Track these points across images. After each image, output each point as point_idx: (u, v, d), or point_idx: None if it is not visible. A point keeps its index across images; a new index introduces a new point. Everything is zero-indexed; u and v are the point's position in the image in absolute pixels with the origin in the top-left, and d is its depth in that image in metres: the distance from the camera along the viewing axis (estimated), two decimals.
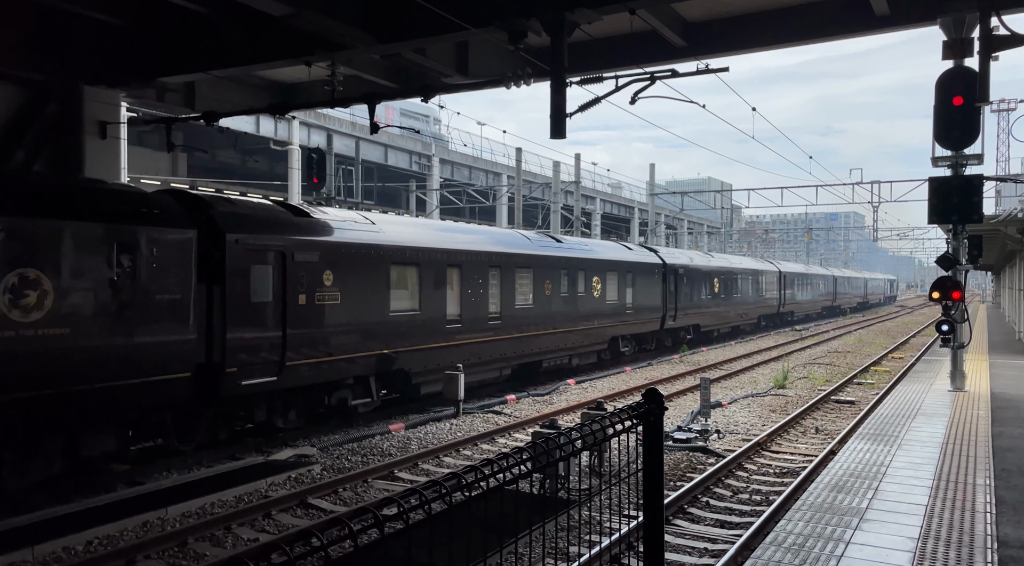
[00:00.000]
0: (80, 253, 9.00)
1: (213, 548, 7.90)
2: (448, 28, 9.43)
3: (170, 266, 9.92)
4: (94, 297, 9.12)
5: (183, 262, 10.10)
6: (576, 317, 19.77)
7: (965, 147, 10.15)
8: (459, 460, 11.68)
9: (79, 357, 8.95)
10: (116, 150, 13.09)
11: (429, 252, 14.73)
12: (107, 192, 9.74)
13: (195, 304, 10.26)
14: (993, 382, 14.74)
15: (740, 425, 14.07)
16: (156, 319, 9.77)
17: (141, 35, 11.74)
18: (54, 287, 8.68)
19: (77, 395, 8.96)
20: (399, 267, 14.00)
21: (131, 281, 9.47)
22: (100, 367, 9.16)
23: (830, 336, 36.05)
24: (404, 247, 14.14)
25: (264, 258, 11.26)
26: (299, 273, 11.78)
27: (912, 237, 65.00)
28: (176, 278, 10.00)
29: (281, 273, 11.49)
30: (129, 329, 9.48)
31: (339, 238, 12.71)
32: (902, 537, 5.80)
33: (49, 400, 8.71)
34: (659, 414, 3.27)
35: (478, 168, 46.37)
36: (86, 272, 9.05)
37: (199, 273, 10.36)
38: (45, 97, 12.16)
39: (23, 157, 11.95)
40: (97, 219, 9.15)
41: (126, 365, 9.44)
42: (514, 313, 17.23)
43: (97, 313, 9.14)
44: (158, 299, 9.78)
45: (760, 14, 11.10)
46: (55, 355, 8.71)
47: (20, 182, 9.23)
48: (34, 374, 8.52)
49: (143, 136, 34.68)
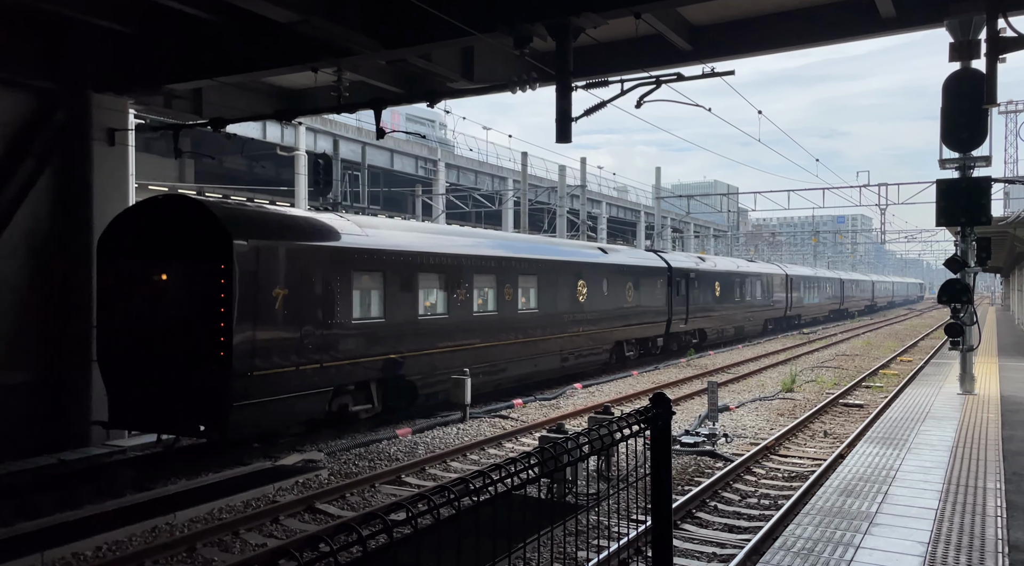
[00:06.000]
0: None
1: (221, 553, 7.91)
2: (454, 34, 9.46)
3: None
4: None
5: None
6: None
7: (973, 149, 10.10)
8: (466, 465, 11.67)
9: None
10: (124, 157, 13.16)
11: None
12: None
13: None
14: (1003, 385, 14.65)
15: (748, 429, 14.02)
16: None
17: (148, 42, 11.81)
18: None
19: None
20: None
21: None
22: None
23: (838, 339, 35.91)
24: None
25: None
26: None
27: (920, 240, 64.69)
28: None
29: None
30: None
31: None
32: (912, 541, 5.76)
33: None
34: (667, 418, 3.26)
35: (484, 172, 46.42)
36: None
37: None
38: (53, 104, 12.24)
39: (32, 164, 12.03)
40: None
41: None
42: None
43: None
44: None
45: (765, 17, 11.08)
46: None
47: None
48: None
49: (151, 143, 34.83)
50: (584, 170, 35.89)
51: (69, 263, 12.50)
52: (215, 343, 10.41)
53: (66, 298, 12.48)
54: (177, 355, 10.66)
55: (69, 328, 12.47)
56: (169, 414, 10.71)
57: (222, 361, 10.36)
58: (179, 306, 10.75)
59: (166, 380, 10.70)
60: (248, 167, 45.00)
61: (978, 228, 12.84)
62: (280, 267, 11.16)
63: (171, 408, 10.67)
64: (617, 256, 22.86)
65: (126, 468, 11.02)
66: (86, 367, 12.44)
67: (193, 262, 10.59)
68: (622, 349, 22.86)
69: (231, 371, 10.33)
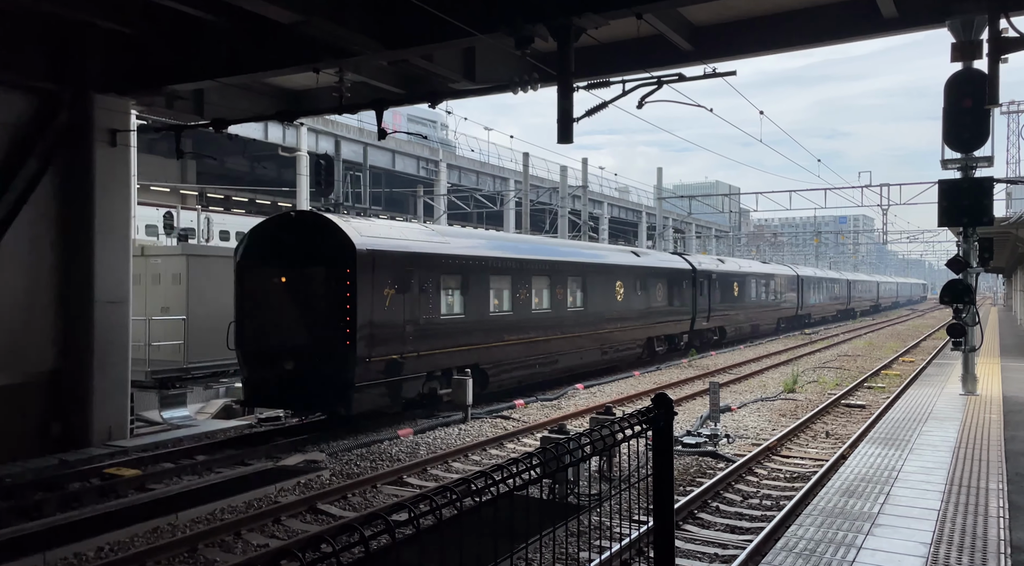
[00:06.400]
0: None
1: (223, 554, 7.91)
2: (455, 34, 9.46)
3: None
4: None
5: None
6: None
7: (975, 149, 10.08)
8: (468, 465, 11.67)
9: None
10: (126, 158, 13.17)
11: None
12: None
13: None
14: (1005, 386, 14.62)
15: (750, 429, 14.01)
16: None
17: (150, 44, 11.83)
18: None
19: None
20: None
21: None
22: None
23: (839, 340, 35.87)
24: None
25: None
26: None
27: (922, 240, 64.58)
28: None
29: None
30: None
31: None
32: (914, 542, 5.75)
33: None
34: (669, 419, 3.26)
35: (485, 173, 46.41)
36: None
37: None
38: (56, 106, 12.26)
39: (35, 165, 12.04)
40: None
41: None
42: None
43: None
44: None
45: (767, 17, 11.07)
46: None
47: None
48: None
49: (153, 143, 34.90)
50: (586, 171, 35.88)
51: (71, 263, 12.52)
52: (342, 334, 12.39)
53: (68, 298, 12.50)
54: (309, 345, 12.69)
55: (71, 328, 12.49)
56: (301, 395, 12.68)
57: (348, 349, 12.35)
58: (311, 304, 12.82)
59: (299, 366, 12.63)
60: (250, 168, 45.10)
61: (980, 228, 12.82)
62: (388, 271, 13.17)
63: (303, 390, 12.57)
64: (648, 259, 24.68)
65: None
66: (88, 367, 12.45)
67: (323, 267, 12.66)
68: (653, 344, 24.48)
69: (355, 358, 12.34)
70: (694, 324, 27.38)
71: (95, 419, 12.48)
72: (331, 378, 12.44)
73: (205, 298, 15.85)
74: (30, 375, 12.09)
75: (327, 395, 12.52)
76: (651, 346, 24.48)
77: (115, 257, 12.88)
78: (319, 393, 12.53)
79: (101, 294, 12.60)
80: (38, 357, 12.20)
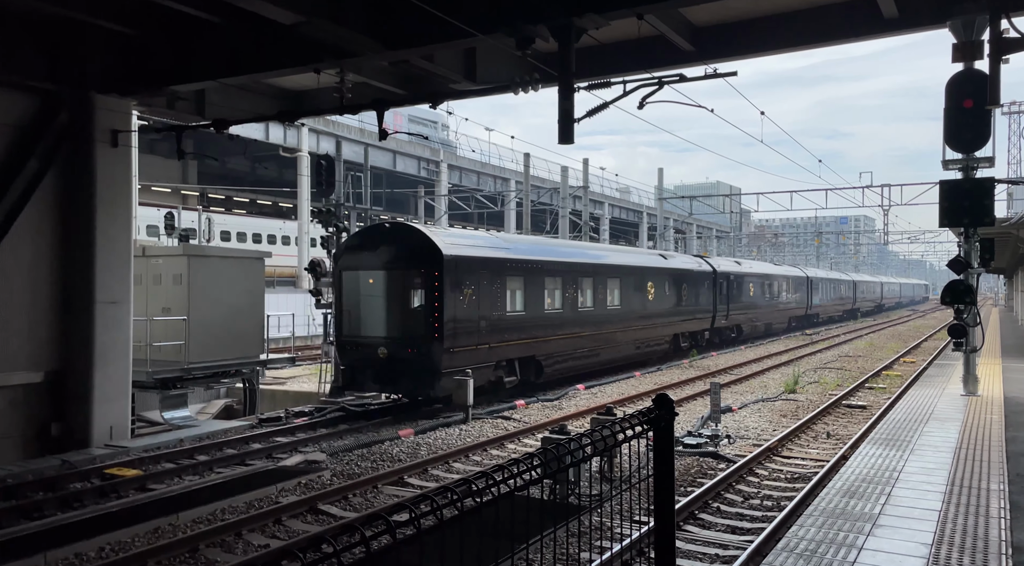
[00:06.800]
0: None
1: (224, 554, 7.92)
2: (456, 35, 9.45)
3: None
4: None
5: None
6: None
7: (976, 150, 10.06)
8: (469, 466, 11.67)
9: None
10: (127, 158, 13.18)
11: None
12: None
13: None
14: (1007, 386, 14.61)
15: (751, 430, 14.00)
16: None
17: (151, 44, 11.83)
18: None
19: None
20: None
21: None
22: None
23: (840, 340, 35.85)
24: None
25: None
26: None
27: (923, 240, 64.55)
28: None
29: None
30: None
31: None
32: (916, 543, 5.75)
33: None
34: (670, 419, 3.26)
35: (486, 173, 46.40)
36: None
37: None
38: (57, 106, 12.27)
39: (36, 165, 12.05)
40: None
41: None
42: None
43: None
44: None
45: (768, 18, 11.06)
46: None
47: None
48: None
49: (154, 144, 34.96)
50: (587, 171, 35.88)
51: (72, 264, 12.52)
52: (432, 328, 14.50)
53: (69, 299, 12.51)
54: (402, 337, 14.91)
55: (72, 329, 12.49)
56: (393, 379, 14.81)
57: (436, 341, 14.47)
58: (404, 302, 15.10)
59: (392, 354, 14.80)
60: (251, 168, 45.12)
61: (981, 229, 12.82)
62: (467, 274, 15.24)
63: (395, 375, 14.73)
64: (675, 261, 26.63)
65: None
66: (88, 368, 12.46)
67: (416, 270, 14.82)
68: (679, 340, 26.46)
69: (442, 348, 14.46)
70: (715, 322, 29.32)
71: (96, 419, 12.48)
72: (421, 365, 14.59)
73: (206, 299, 15.85)
74: (31, 375, 12.09)
75: (417, 380, 14.63)
76: (677, 342, 26.26)
77: (116, 257, 12.89)
78: (410, 378, 14.65)
79: (102, 294, 12.61)
80: (39, 357, 12.20)
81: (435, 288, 14.49)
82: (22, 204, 11.87)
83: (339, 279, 15.71)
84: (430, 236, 14.89)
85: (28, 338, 12.06)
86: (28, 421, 12.11)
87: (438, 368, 14.49)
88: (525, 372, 17.50)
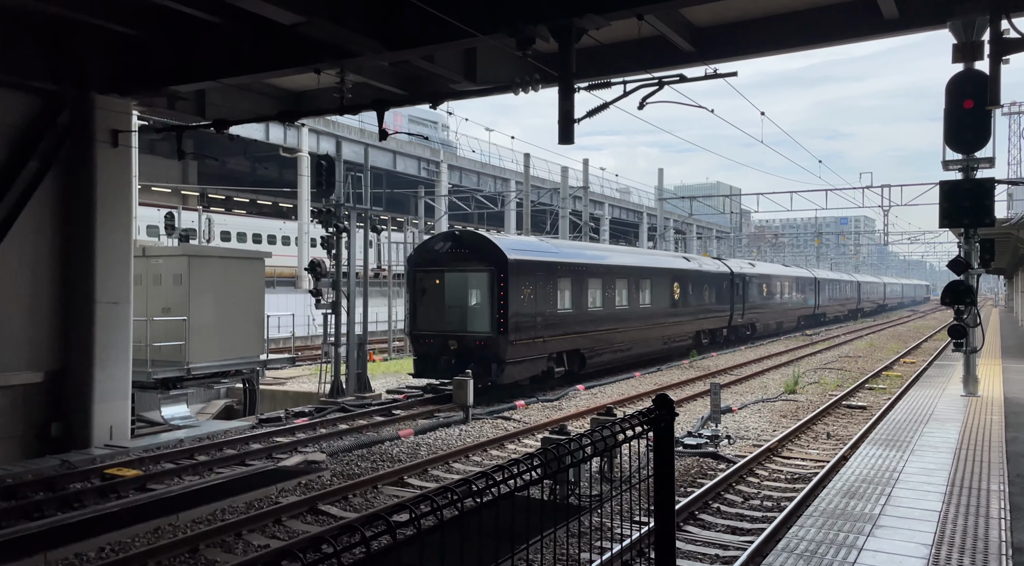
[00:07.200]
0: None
1: (224, 554, 7.92)
2: (456, 35, 9.45)
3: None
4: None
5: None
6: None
7: (976, 150, 10.05)
8: (469, 466, 11.67)
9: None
10: (127, 158, 13.18)
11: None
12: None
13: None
14: (1007, 387, 14.61)
15: (751, 430, 14.00)
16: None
17: (152, 44, 11.83)
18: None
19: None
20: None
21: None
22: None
23: (840, 341, 35.84)
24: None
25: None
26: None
27: (923, 241, 64.56)
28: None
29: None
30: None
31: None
32: (916, 543, 5.75)
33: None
34: (670, 420, 3.26)
35: (486, 174, 46.41)
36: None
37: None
38: (58, 106, 12.27)
39: (36, 165, 12.05)
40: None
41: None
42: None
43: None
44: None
45: (769, 18, 11.06)
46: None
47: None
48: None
49: (154, 144, 34.96)
50: (587, 171, 35.87)
51: (72, 264, 12.52)
52: (499, 323, 16.47)
53: (69, 299, 12.51)
54: (472, 330, 17.03)
55: (72, 329, 12.49)
56: (463, 367, 15.94)
57: (502, 334, 16.42)
58: (473, 299, 17.40)
59: (462, 346, 16.77)
60: (251, 168, 45.13)
61: (982, 230, 12.81)
62: (525, 275, 17.21)
63: (465, 364, 16.13)
64: (696, 263, 28.39)
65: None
66: (89, 368, 12.46)
67: (486, 272, 16.86)
68: (700, 337, 28.31)
69: (507, 340, 16.43)
70: (732, 320, 31.43)
71: (96, 419, 12.48)
72: (489, 355, 16.49)
73: (206, 299, 15.85)
74: (31, 375, 12.09)
75: (486, 368, 16.40)
76: (699, 338, 28.19)
77: (116, 257, 12.89)
78: (479, 366, 16.24)
79: (102, 294, 12.61)
80: (39, 357, 12.20)
81: (501, 288, 16.44)
82: (22, 204, 11.87)
83: (413, 279, 17.88)
84: (496, 242, 17.00)
85: (28, 338, 12.06)
86: (28, 421, 12.11)
87: (503, 358, 16.41)
88: (571, 364, 19.34)
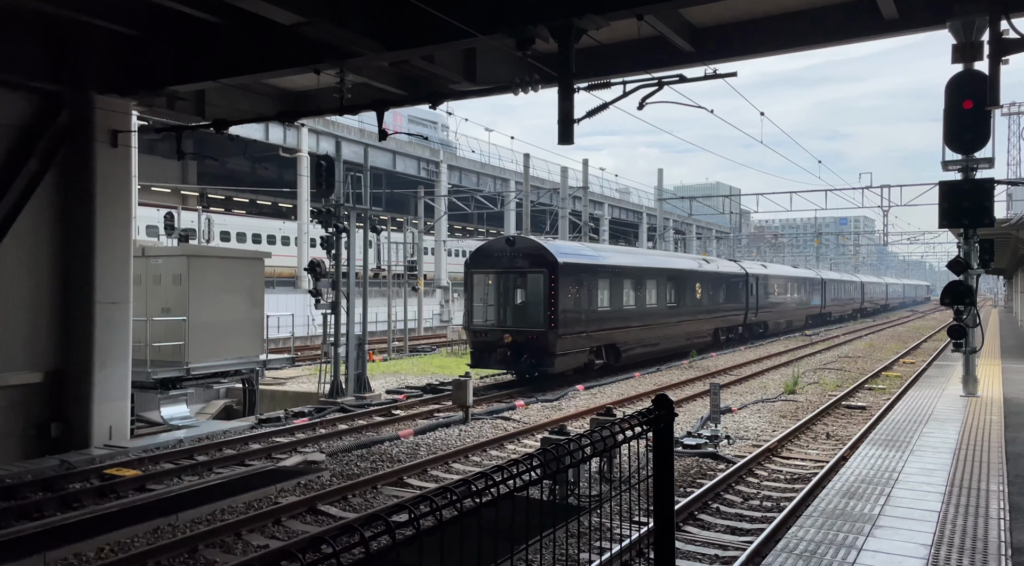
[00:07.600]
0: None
1: (223, 554, 7.91)
2: (456, 35, 9.45)
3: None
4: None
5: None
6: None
7: (976, 151, 10.05)
8: (468, 466, 11.67)
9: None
10: (127, 158, 13.18)
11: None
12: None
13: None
14: (1006, 387, 14.61)
15: (750, 431, 14.00)
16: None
17: (152, 44, 11.83)
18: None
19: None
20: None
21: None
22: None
23: (840, 341, 35.85)
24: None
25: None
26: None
27: (923, 241, 64.60)
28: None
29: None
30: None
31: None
32: (915, 544, 5.75)
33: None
34: (669, 420, 3.26)
35: (486, 174, 46.41)
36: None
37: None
38: (57, 106, 12.26)
39: (36, 165, 12.05)
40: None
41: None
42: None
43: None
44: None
45: (768, 19, 11.06)
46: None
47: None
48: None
49: (154, 144, 34.95)
50: (586, 172, 35.87)
51: (72, 264, 12.52)
52: (548, 318, 18.33)
53: (69, 299, 12.50)
54: (525, 325, 18.78)
55: (72, 329, 12.49)
56: (518, 359, 18.43)
57: (552, 329, 18.28)
58: (525, 297, 19.22)
59: (516, 339, 18.55)
60: (251, 168, 45.13)
61: (981, 230, 12.81)
62: (572, 276, 19.13)
63: (519, 356, 18.43)
64: (714, 265, 30.48)
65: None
66: (88, 368, 12.45)
67: (538, 273, 18.76)
68: (718, 334, 30.27)
69: (556, 334, 18.29)
70: (746, 318, 33.42)
71: (95, 419, 12.48)
72: (540, 348, 18.36)
73: (206, 299, 15.85)
74: (31, 375, 12.09)
75: (538, 360, 18.36)
76: (717, 335, 30.17)
77: (115, 258, 12.89)
78: (532, 358, 18.32)
79: (102, 294, 12.60)
80: (39, 357, 12.20)
81: (552, 288, 18.37)
82: (22, 204, 11.87)
83: (470, 280, 19.73)
84: (546, 246, 19.20)
85: (28, 338, 12.05)
86: (28, 421, 12.11)
87: (553, 351, 18.26)
88: (608, 356, 21.24)
